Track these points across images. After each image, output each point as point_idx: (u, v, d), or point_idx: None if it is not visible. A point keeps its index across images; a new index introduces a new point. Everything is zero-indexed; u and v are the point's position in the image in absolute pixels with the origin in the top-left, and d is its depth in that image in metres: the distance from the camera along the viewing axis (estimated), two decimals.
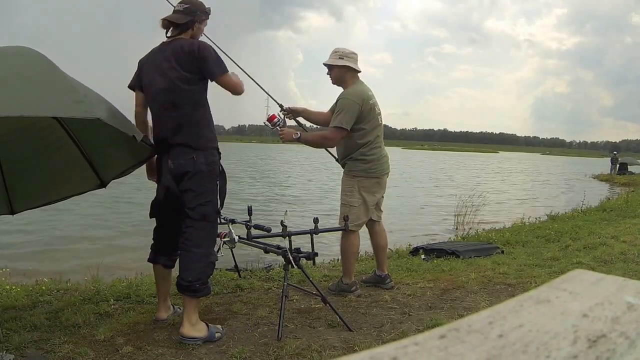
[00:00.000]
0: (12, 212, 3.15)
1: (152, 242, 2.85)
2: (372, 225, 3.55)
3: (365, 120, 3.31)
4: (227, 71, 2.60)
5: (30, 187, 3.11)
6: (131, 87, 2.74)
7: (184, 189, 2.57)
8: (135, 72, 2.72)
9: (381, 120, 3.44)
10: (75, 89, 2.17)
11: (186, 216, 2.57)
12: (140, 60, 2.72)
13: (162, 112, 2.61)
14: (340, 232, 3.41)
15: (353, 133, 3.31)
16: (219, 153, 2.69)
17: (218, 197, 2.67)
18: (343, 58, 3.37)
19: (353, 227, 3.33)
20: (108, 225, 7.85)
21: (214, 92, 2.63)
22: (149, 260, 2.84)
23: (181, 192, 2.58)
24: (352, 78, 3.41)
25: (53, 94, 2.13)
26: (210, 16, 2.75)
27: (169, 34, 2.67)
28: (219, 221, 2.74)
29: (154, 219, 2.81)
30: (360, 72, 3.43)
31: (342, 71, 3.39)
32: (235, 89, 2.62)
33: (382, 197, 3.55)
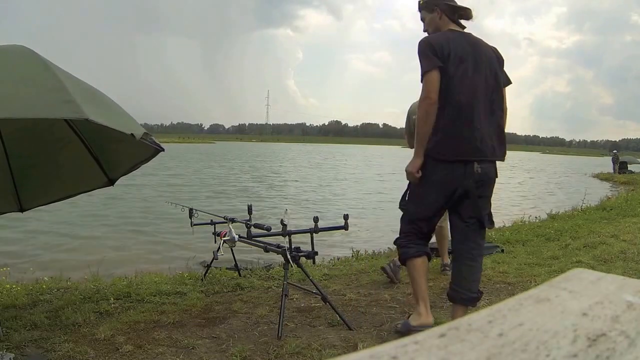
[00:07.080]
0: (22, 210, 3.17)
1: (407, 235, 2.64)
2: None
3: None
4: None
5: (38, 185, 3.11)
6: None
7: (481, 194, 2.51)
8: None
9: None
10: (64, 87, 2.01)
11: (476, 223, 2.53)
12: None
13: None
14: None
15: None
16: None
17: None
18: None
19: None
20: (108, 224, 7.84)
21: (214, 90, 2.46)
22: (412, 255, 2.59)
23: (478, 197, 2.50)
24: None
25: (39, 94, 1.98)
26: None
27: None
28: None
29: (414, 211, 2.62)
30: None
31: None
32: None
33: None
